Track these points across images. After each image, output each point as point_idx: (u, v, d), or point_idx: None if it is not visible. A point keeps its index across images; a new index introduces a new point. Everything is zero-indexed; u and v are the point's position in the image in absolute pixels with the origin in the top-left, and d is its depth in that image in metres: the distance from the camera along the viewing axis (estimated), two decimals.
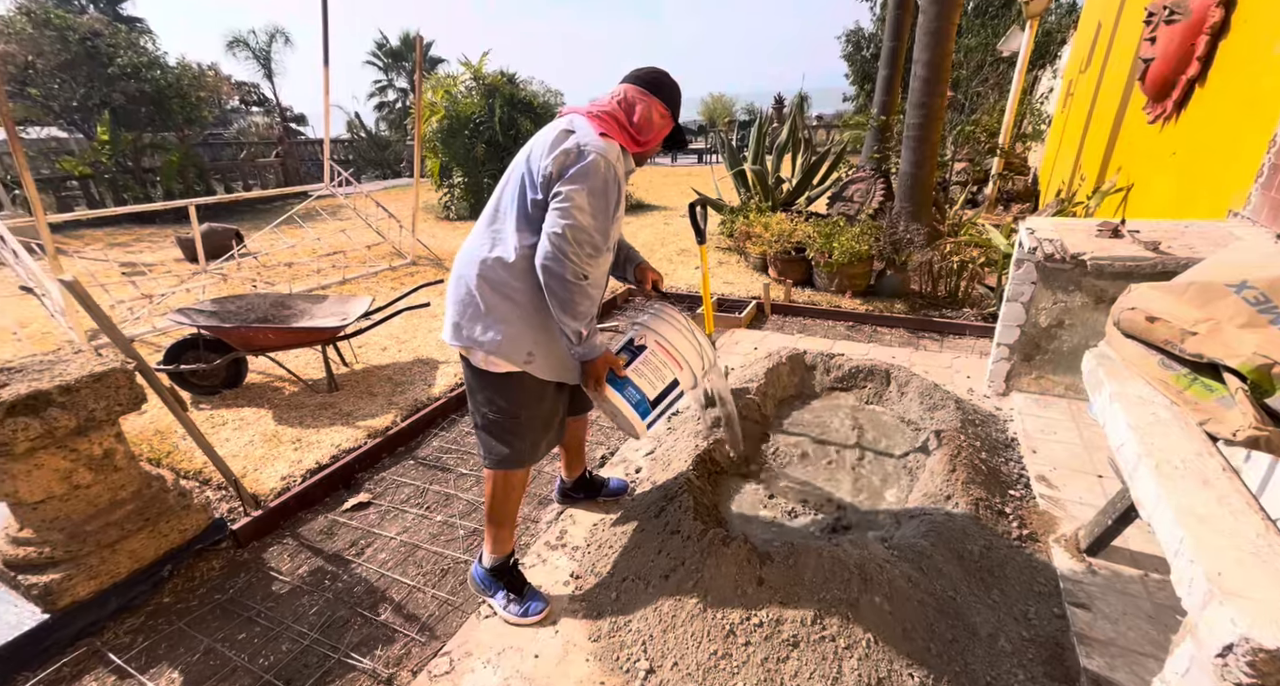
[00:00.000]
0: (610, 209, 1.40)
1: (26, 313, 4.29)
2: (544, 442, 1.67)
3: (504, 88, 8.27)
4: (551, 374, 1.56)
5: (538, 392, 1.57)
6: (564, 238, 1.33)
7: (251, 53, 19.15)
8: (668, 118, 1.52)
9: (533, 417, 1.59)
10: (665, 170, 13.60)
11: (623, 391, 1.57)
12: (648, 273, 1.81)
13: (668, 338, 1.67)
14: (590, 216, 1.35)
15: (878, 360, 2.92)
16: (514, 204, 1.45)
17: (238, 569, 1.97)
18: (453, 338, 1.51)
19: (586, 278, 1.38)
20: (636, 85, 1.49)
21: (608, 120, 1.45)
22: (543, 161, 1.38)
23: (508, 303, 1.46)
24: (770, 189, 5.88)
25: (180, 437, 2.70)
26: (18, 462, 1.58)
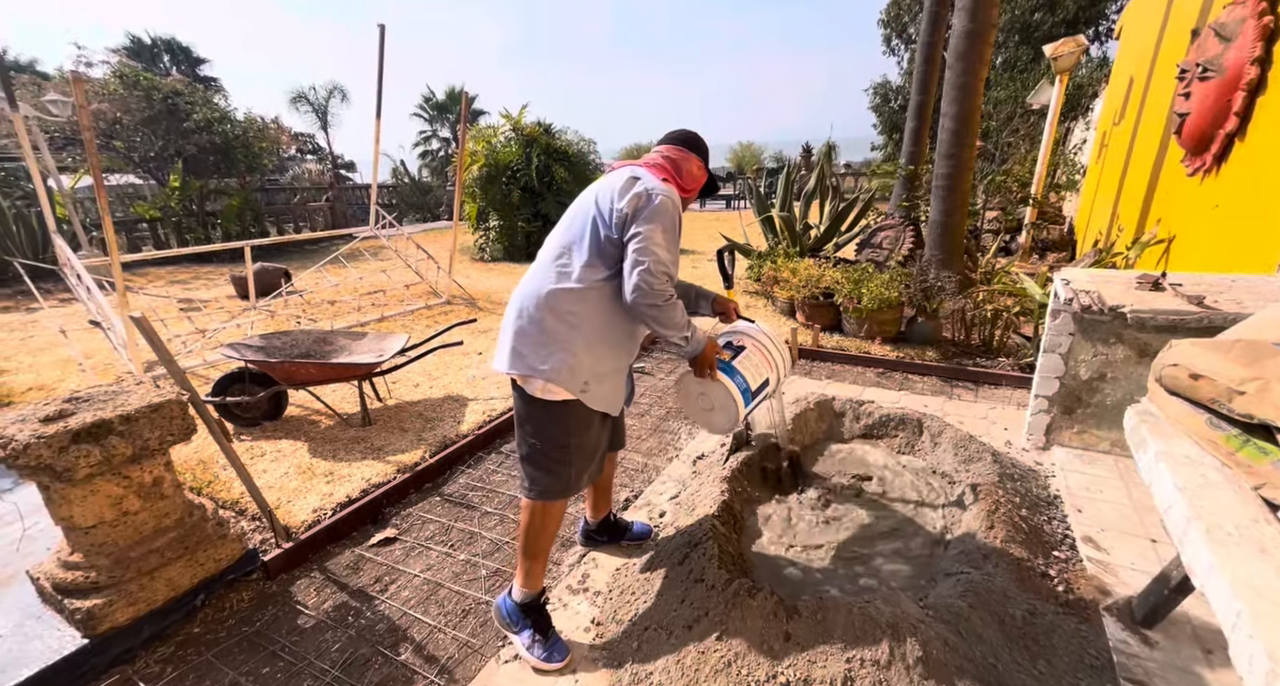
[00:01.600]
0: (677, 242, 1.60)
1: (93, 345, 4.57)
2: (587, 474, 1.73)
3: (541, 138, 8.72)
4: (601, 404, 1.65)
5: (586, 421, 1.65)
6: (648, 271, 1.48)
7: (311, 106, 20.79)
8: (704, 169, 1.74)
9: (580, 447, 1.66)
10: (693, 215, 13.93)
11: (732, 377, 1.78)
12: (727, 304, 1.98)
13: (763, 343, 1.93)
14: (665, 250, 1.52)
15: (909, 408, 2.86)
16: (585, 240, 1.58)
17: (266, 601, 2.00)
18: (511, 366, 1.58)
19: (670, 298, 1.54)
20: (675, 145, 1.73)
21: (666, 169, 1.67)
22: (617, 204, 1.54)
23: (573, 331, 1.56)
24: (798, 235, 5.96)
25: (222, 467, 2.80)
26: (76, 488, 1.67)
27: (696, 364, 1.75)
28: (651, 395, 3.67)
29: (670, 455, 2.92)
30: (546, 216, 8.64)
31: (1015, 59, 13.78)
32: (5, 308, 6.20)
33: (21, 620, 1.74)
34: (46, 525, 2.11)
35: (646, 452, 2.95)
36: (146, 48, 21.52)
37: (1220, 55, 2.94)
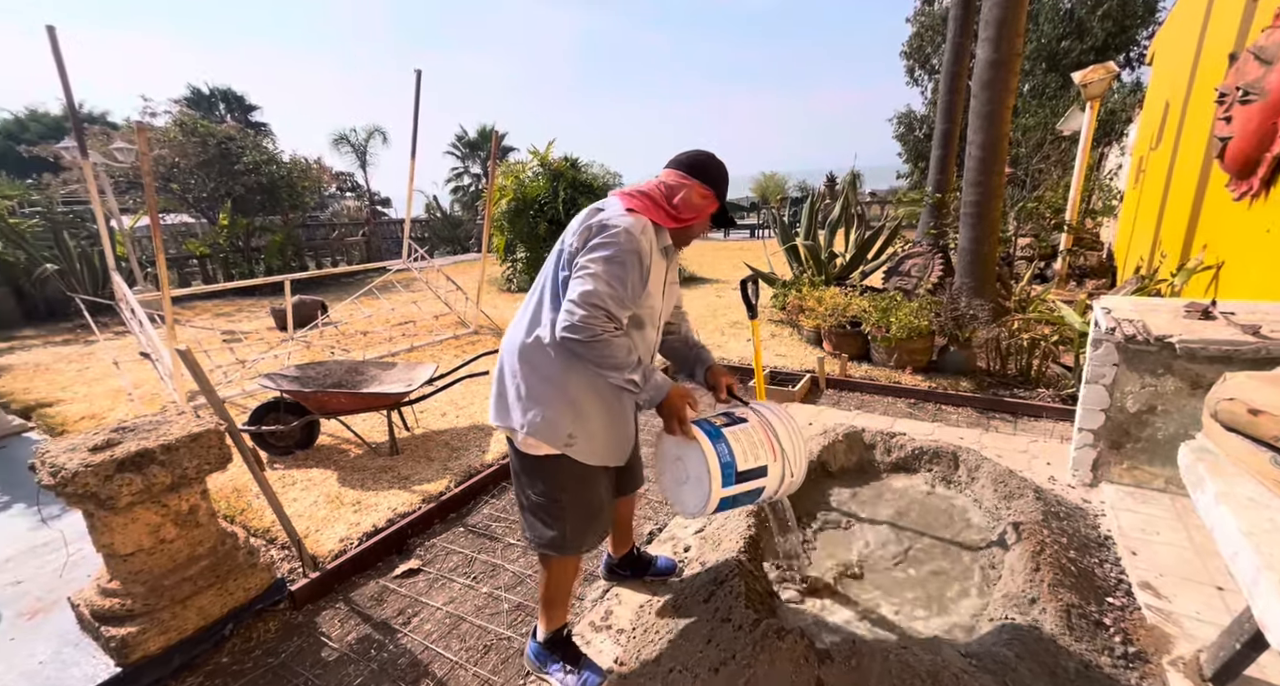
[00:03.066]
0: (628, 276, 1.39)
1: (142, 375, 4.80)
2: (590, 532, 1.62)
3: (567, 172, 8.98)
4: (595, 458, 1.55)
5: (580, 476, 1.55)
6: (576, 302, 1.35)
7: (351, 147, 21.96)
8: (709, 197, 1.54)
9: (575, 502, 1.57)
10: (718, 244, 14.02)
11: (715, 444, 1.45)
12: (721, 377, 1.76)
13: (772, 424, 1.55)
14: (605, 283, 1.36)
15: (943, 441, 2.76)
16: (548, 286, 1.50)
17: (291, 632, 2.00)
18: (495, 418, 1.55)
19: (599, 334, 1.35)
20: (677, 169, 1.55)
21: (638, 197, 1.49)
22: (570, 239, 1.46)
23: (546, 384, 1.47)
24: (823, 263, 5.94)
25: (255, 496, 2.86)
26: (118, 516, 1.72)
27: (663, 414, 1.49)
28: None
29: None
30: None
31: (1043, 86, 13.74)
32: (66, 340, 6.58)
33: (60, 647, 1.78)
34: (90, 552, 2.18)
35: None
36: (205, 97, 23.23)
37: (1261, 78, 2.87)
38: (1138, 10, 13.30)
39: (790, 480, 1.56)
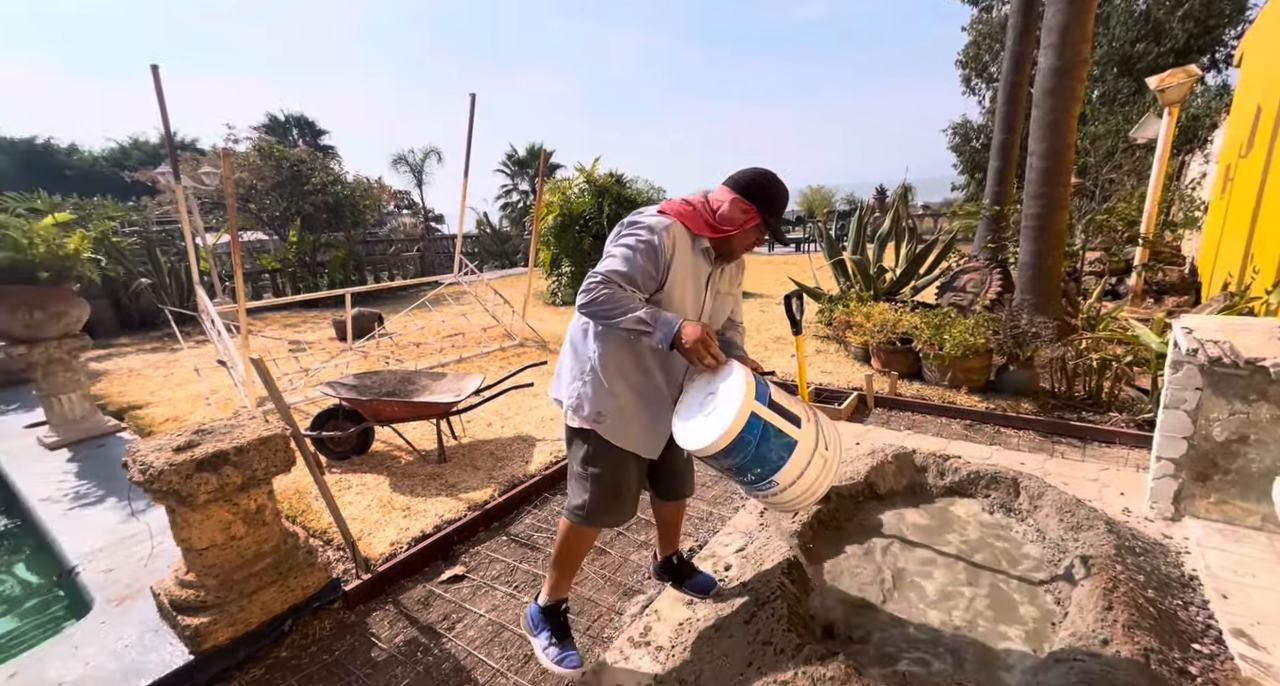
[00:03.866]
0: (636, 258, 1.50)
1: (218, 381, 5.17)
2: (609, 511, 1.73)
3: (612, 188, 9.16)
4: (622, 440, 1.65)
5: (608, 455, 1.66)
6: (589, 276, 1.52)
7: (409, 167, 23.15)
8: (750, 212, 1.58)
9: (601, 478, 1.68)
10: (763, 259, 13.88)
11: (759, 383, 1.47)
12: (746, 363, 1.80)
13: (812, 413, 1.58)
14: (616, 260, 1.52)
15: (1002, 466, 2.62)
16: None
17: (344, 631, 2.09)
18: (554, 391, 1.79)
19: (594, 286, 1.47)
20: (727, 185, 1.65)
21: (678, 204, 1.62)
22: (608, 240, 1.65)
23: (584, 364, 1.66)
24: (872, 278, 5.78)
25: (314, 498, 3.01)
26: (195, 512, 1.86)
27: (685, 353, 1.46)
28: None
29: (736, 504, 2.82)
30: None
31: (1114, 92, 13.01)
32: (155, 348, 7.17)
33: (143, 633, 1.92)
34: (170, 545, 2.35)
35: (711, 501, 2.87)
36: (280, 123, 25.08)
37: None
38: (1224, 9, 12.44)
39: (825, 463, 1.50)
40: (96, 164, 23.47)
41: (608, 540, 2.56)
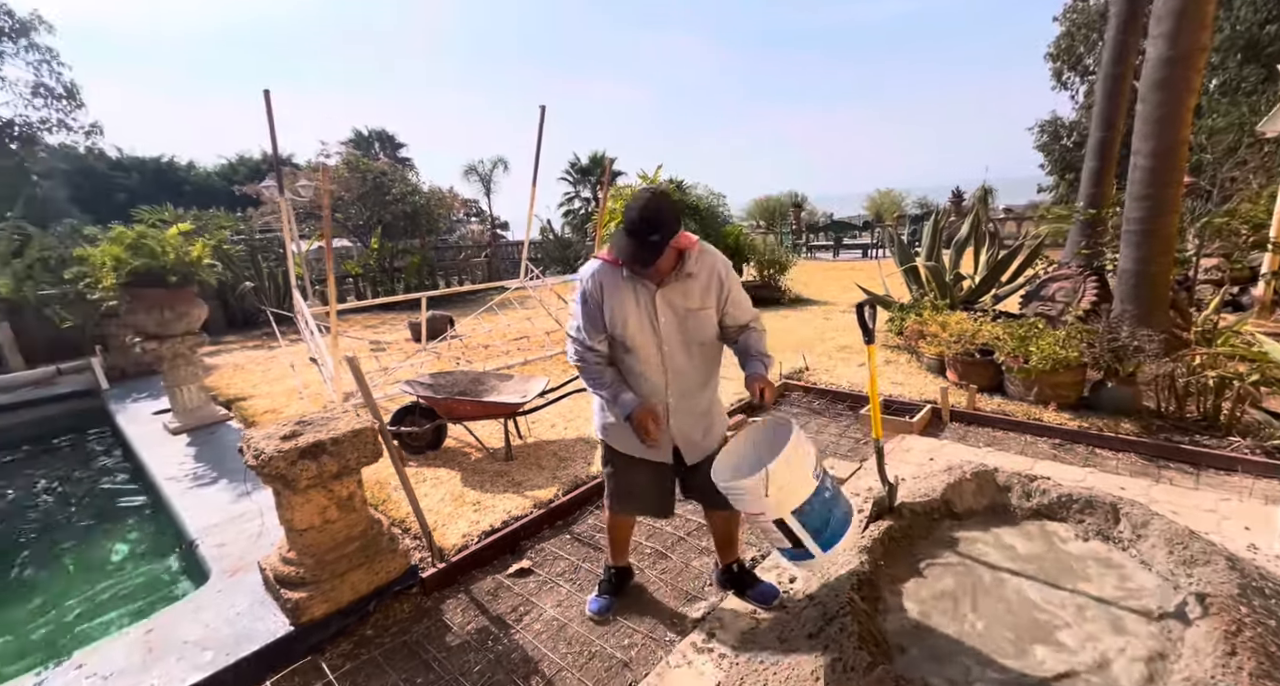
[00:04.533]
0: (580, 311, 1.80)
1: (310, 377, 5.62)
2: (625, 506, 2.05)
3: (673, 194, 9.21)
4: (625, 447, 1.91)
5: (615, 459, 1.97)
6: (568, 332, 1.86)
7: (479, 176, 24.26)
8: (623, 232, 1.65)
9: (614, 477, 2.02)
10: (827, 265, 13.49)
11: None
12: (754, 384, 1.79)
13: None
14: (575, 319, 1.82)
15: (1098, 490, 2.41)
16: None
17: (421, 615, 2.22)
18: None
19: (577, 363, 1.83)
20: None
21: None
22: None
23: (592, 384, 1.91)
24: (948, 286, 5.49)
25: (393, 489, 3.22)
26: (297, 495, 2.04)
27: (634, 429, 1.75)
28: None
29: None
30: None
31: (1237, 80, 11.68)
32: (256, 345, 7.89)
33: (252, 603, 2.13)
34: (275, 524, 2.59)
35: None
36: (364, 138, 26.96)
37: None
38: None
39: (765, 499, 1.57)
40: (210, 179, 26.18)
41: (669, 545, 2.58)
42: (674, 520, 2.78)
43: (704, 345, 1.83)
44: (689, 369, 1.82)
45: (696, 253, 1.73)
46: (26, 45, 10.72)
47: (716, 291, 1.77)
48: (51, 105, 11.22)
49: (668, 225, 1.60)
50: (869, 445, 3.52)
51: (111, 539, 3.48)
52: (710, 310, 1.78)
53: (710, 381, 1.91)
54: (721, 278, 1.77)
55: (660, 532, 2.68)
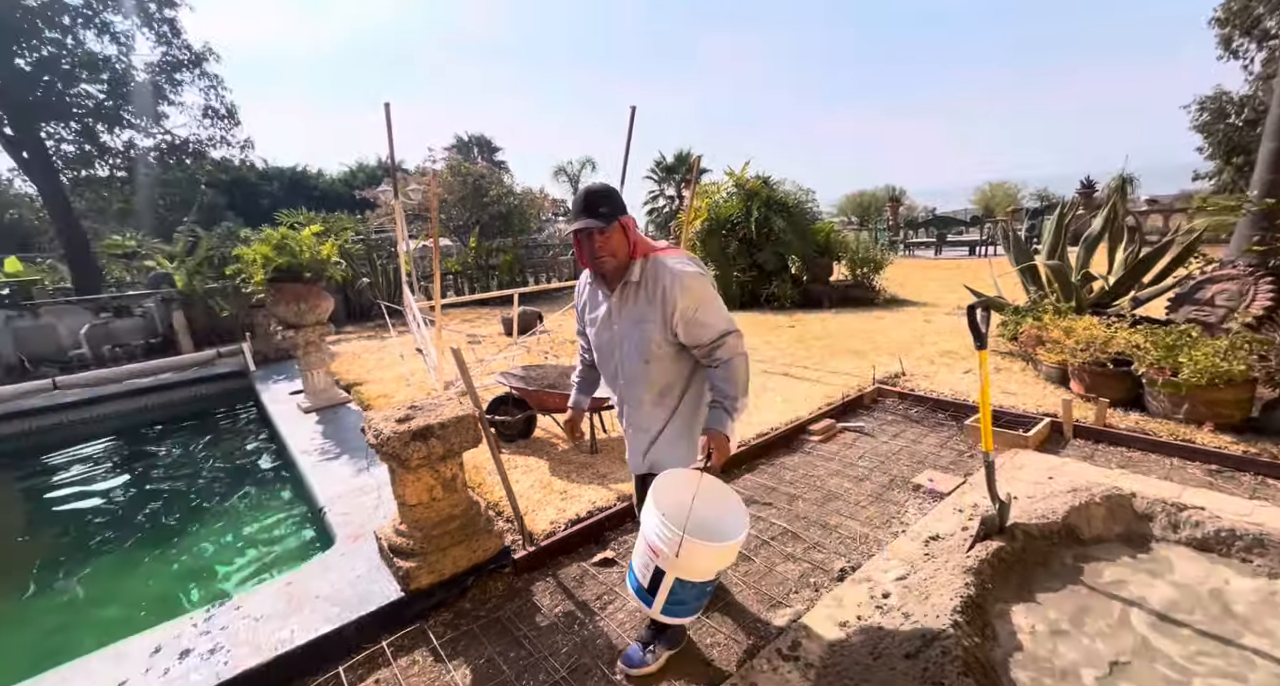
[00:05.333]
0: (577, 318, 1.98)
1: (416, 366, 6.12)
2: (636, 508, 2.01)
3: (761, 190, 8.99)
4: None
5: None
6: None
7: (567, 177, 25.08)
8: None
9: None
10: (927, 263, 12.58)
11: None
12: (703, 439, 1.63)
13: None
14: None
15: (1271, 527, 2.06)
16: None
17: (513, 594, 2.35)
18: None
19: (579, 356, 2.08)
20: None
21: None
22: None
23: None
24: (1074, 287, 4.92)
25: (488, 474, 3.43)
26: (410, 473, 2.24)
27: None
28: (873, 459, 3.36)
29: (895, 529, 2.61)
30: (762, 266, 8.77)
31: None
32: (370, 336, 8.71)
33: (369, 568, 2.37)
34: (389, 498, 2.86)
35: (866, 522, 2.69)
36: (464, 143, 28.79)
37: None
38: None
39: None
40: (334, 185, 29.23)
41: (753, 548, 2.53)
42: (757, 524, 2.74)
43: (658, 362, 1.70)
44: (640, 381, 1.74)
45: (644, 261, 1.67)
46: (199, 73, 12.54)
47: (660, 305, 1.63)
48: (216, 124, 13.05)
49: (592, 209, 1.60)
50: (975, 458, 3.25)
51: (258, 500, 4.02)
52: (653, 324, 1.65)
53: (664, 402, 1.76)
54: (666, 290, 1.61)
55: None
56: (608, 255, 1.63)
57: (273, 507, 3.87)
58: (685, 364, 1.74)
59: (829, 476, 3.18)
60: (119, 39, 11.69)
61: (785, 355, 5.68)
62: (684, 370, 1.75)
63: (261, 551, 3.36)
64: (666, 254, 1.68)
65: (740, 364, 1.64)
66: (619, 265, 1.67)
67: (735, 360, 1.63)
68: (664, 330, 1.65)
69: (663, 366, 1.71)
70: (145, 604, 2.94)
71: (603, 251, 1.63)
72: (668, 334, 1.66)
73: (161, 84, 12.27)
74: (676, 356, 1.71)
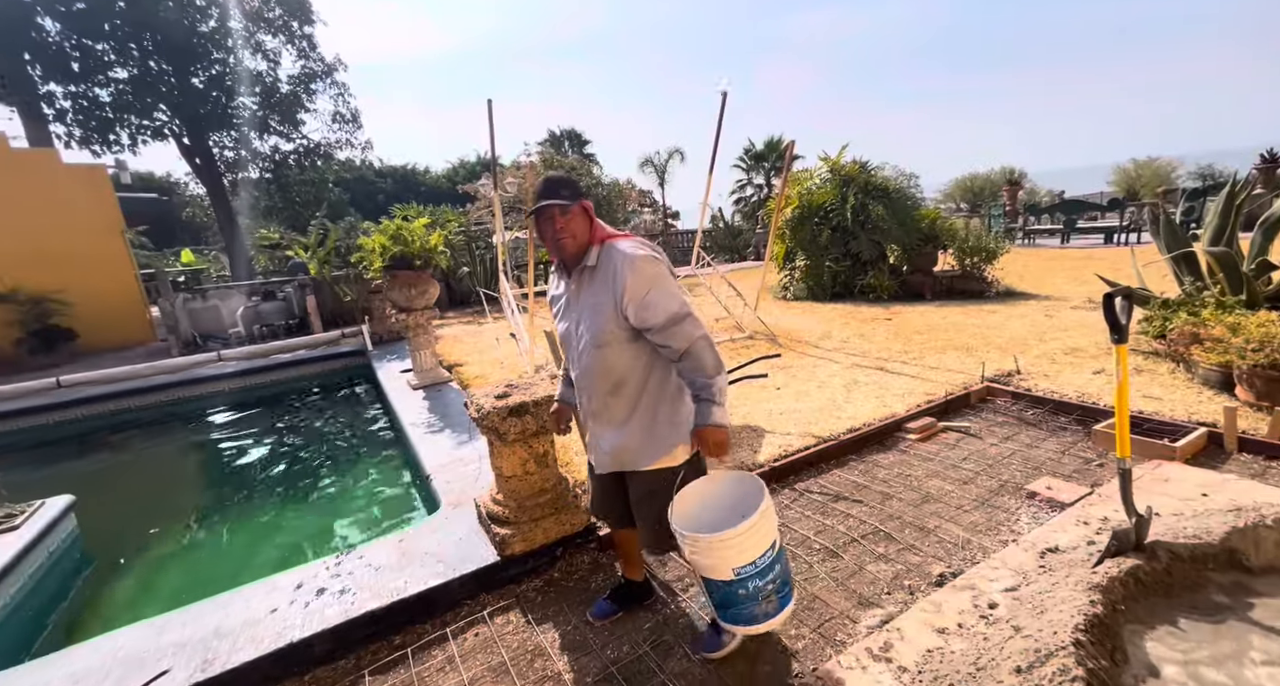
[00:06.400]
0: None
1: (509, 350, 6.48)
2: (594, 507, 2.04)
3: (859, 176, 8.49)
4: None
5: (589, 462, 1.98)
6: None
7: (654, 168, 25.13)
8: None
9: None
10: (1050, 252, 11.26)
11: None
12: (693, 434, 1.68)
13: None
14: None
15: None
16: None
17: (598, 569, 2.44)
18: None
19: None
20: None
21: None
22: None
23: None
24: (1245, 278, 4.19)
25: (576, 453, 3.56)
26: (506, 447, 2.39)
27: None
28: (980, 461, 3.10)
29: (1003, 537, 2.40)
30: (857, 256, 8.31)
31: None
32: (468, 321, 9.32)
33: (469, 532, 2.57)
34: (487, 469, 3.06)
35: (969, 527, 2.50)
36: (556, 137, 29.73)
37: None
38: None
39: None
40: (439, 181, 31.45)
41: (841, 544, 2.44)
42: (847, 520, 2.64)
43: (611, 348, 1.67)
44: (594, 368, 1.71)
45: (600, 248, 1.69)
46: (330, 82, 14.01)
47: (612, 287, 1.63)
48: (343, 128, 14.53)
49: (553, 192, 1.65)
50: (1104, 467, 2.90)
51: (375, 464, 4.49)
52: (606, 307, 1.65)
53: (621, 393, 1.72)
54: (617, 271, 1.62)
55: (831, 530, 2.56)
56: (568, 236, 1.66)
57: (386, 471, 4.30)
58: (641, 356, 1.70)
59: (927, 477, 2.98)
60: (269, 56, 13.33)
61: (881, 349, 5.37)
62: (639, 362, 1.70)
63: (377, 509, 3.76)
64: (622, 239, 1.70)
65: (702, 346, 1.62)
66: (579, 247, 1.69)
67: (695, 345, 1.62)
68: (616, 313, 1.64)
69: (616, 353, 1.68)
70: (287, 544, 3.41)
71: (564, 232, 1.66)
72: (619, 318, 1.64)
73: (300, 94, 13.84)
74: (629, 343, 1.68)
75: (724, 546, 1.52)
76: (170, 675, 1.86)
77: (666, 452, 1.74)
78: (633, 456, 1.75)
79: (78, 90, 11.79)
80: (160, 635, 2.05)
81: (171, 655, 1.95)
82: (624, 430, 1.73)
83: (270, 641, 1.96)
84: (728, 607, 1.60)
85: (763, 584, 1.56)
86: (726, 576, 1.55)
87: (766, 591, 1.57)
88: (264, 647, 1.94)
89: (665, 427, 1.73)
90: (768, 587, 1.57)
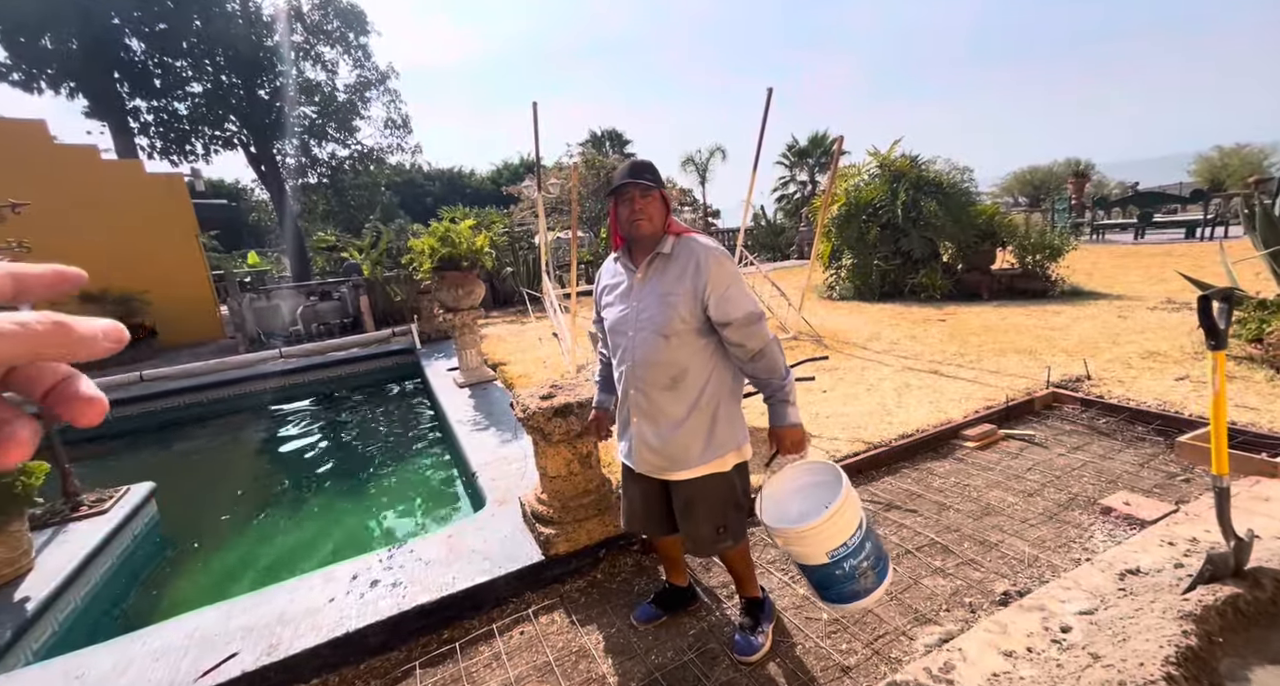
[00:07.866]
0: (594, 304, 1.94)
1: (552, 349, 6.56)
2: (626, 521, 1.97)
3: (910, 171, 8.16)
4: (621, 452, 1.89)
5: (623, 468, 1.91)
6: None
7: (695, 166, 24.96)
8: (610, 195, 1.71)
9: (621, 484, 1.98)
10: (1123, 249, 10.52)
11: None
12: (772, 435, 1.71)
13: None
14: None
15: None
16: None
17: (641, 571, 2.42)
18: None
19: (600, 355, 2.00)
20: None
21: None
22: None
23: None
24: None
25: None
26: (551, 447, 2.40)
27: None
28: (1046, 472, 2.91)
29: (1075, 555, 2.24)
30: (908, 254, 7.99)
31: None
32: (511, 320, 9.50)
33: (514, 530, 2.60)
34: (532, 468, 3.10)
35: (1036, 543, 2.35)
36: (597, 138, 29.95)
37: None
38: None
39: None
40: (484, 183, 32.25)
41: (895, 556, 2.34)
42: (900, 530, 2.53)
43: (678, 338, 1.63)
44: (653, 360, 1.65)
45: (677, 240, 1.69)
46: (383, 90, 14.57)
47: (693, 278, 1.62)
48: (394, 134, 15.08)
49: (637, 174, 1.65)
50: (1191, 483, 2.67)
51: (423, 459, 4.62)
52: (680, 297, 1.62)
53: (679, 389, 1.65)
54: (700, 262, 1.62)
55: (884, 540, 2.44)
56: (645, 219, 1.65)
57: (434, 466, 4.43)
58: (705, 351, 1.66)
59: (987, 488, 2.82)
60: (327, 67, 13.97)
61: (934, 351, 5.13)
62: (702, 356, 1.66)
63: (427, 503, 3.87)
64: (700, 234, 1.71)
65: (775, 349, 1.65)
66: (654, 232, 1.67)
67: (770, 347, 1.64)
68: (693, 303, 1.61)
69: (679, 343, 1.63)
70: (341, 534, 3.55)
71: (641, 214, 1.64)
72: (696, 308, 1.62)
73: (356, 101, 14.45)
74: (696, 336, 1.64)
75: (815, 534, 1.56)
76: (239, 657, 1.95)
77: (718, 456, 1.70)
78: (684, 455, 1.68)
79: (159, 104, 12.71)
80: (229, 619, 2.17)
81: (240, 638, 2.05)
82: (681, 427, 1.66)
83: (329, 629, 2.04)
84: (827, 588, 1.64)
85: (857, 562, 1.59)
86: (822, 560, 1.59)
87: (862, 568, 1.60)
88: (323, 635, 2.01)
89: (724, 426, 1.69)
90: (863, 565, 1.60)
